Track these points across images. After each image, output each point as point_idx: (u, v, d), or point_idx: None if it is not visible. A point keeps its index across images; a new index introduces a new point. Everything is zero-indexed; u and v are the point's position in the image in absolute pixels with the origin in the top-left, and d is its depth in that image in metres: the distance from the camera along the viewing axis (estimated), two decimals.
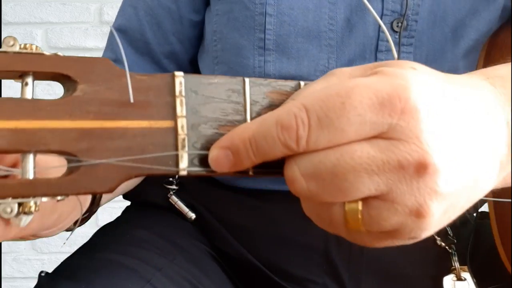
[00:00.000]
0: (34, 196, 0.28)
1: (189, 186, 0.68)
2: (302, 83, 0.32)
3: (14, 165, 0.34)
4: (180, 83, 0.30)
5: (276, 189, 0.63)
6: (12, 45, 0.28)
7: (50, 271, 0.55)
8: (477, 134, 0.30)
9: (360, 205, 0.29)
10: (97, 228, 0.66)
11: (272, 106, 0.32)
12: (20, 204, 0.28)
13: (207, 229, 0.67)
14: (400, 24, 0.59)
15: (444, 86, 0.30)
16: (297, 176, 0.29)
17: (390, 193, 0.28)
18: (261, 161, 0.29)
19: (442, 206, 0.29)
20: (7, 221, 0.32)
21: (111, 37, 0.74)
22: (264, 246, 0.64)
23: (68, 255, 0.59)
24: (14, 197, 0.27)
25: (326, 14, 0.59)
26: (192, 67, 0.73)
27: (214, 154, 0.30)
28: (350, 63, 0.60)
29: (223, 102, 0.31)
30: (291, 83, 0.32)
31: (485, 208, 0.66)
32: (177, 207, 0.68)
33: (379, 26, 0.59)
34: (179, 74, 0.30)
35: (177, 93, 0.30)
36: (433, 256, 0.63)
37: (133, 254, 0.57)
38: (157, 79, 0.30)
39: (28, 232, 0.39)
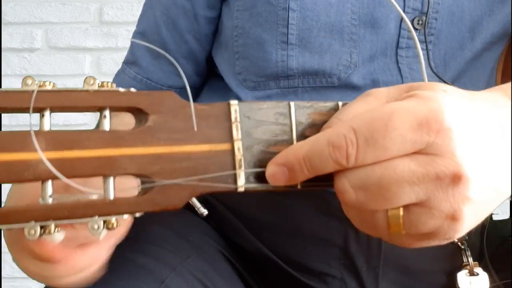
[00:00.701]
0: (116, 214, 0.32)
1: None
2: (340, 103, 0.36)
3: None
4: (235, 110, 0.34)
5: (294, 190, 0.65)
6: (92, 84, 0.32)
7: None
8: (500, 146, 0.34)
9: (401, 211, 0.33)
10: None
11: (315, 126, 0.36)
12: (104, 221, 0.32)
13: (222, 223, 0.68)
14: (421, 22, 0.61)
15: (472, 105, 0.34)
16: (347, 188, 0.33)
17: (428, 200, 0.32)
18: (313, 175, 0.34)
19: (473, 210, 0.33)
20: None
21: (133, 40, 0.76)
22: (282, 240, 0.65)
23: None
24: (100, 215, 0.32)
25: (349, 9, 0.60)
26: (209, 65, 0.75)
27: (271, 170, 0.34)
28: (371, 58, 0.62)
29: (272, 125, 0.35)
30: (330, 104, 0.36)
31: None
32: (189, 201, 0.67)
33: (400, 23, 0.61)
34: (234, 103, 0.34)
35: (233, 119, 0.34)
36: (447, 252, 0.65)
37: (148, 252, 0.57)
38: (215, 108, 0.34)
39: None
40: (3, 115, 1.58)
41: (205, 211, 0.67)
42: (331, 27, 0.60)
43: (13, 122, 1.72)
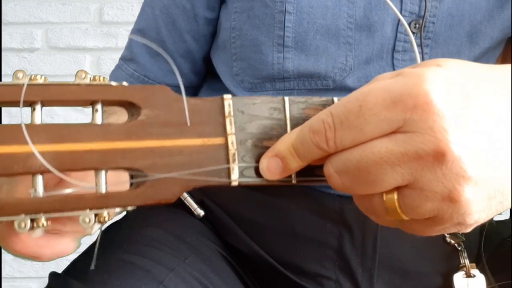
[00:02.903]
0: (108, 208, 0.32)
1: None
2: (335, 99, 0.36)
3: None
4: (229, 104, 0.34)
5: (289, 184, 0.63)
6: (84, 78, 0.32)
7: (51, 271, 0.54)
8: (504, 121, 0.31)
9: (395, 195, 0.32)
10: None
11: None
12: (95, 215, 0.32)
13: (217, 225, 0.68)
14: (417, 26, 0.61)
15: (480, 71, 0.32)
16: (332, 173, 0.33)
17: (416, 181, 0.31)
18: (306, 163, 0.34)
19: (480, 190, 0.30)
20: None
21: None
22: (277, 242, 0.65)
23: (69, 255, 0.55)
24: (92, 208, 0.32)
25: (345, 12, 0.60)
26: (206, 65, 0.75)
27: (264, 163, 0.34)
28: (367, 61, 0.62)
29: (266, 119, 0.35)
30: (325, 99, 0.36)
31: None
32: (186, 203, 0.67)
33: (397, 26, 0.61)
34: (227, 97, 0.34)
35: (226, 113, 0.34)
36: (443, 253, 0.65)
37: (146, 254, 0.57)
38: (208, 102, 0.34)
39: None
40: (4, 113, 1.58)
41: (201, 212, 0.68)
42: (327, 30, 0.61)
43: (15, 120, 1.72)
